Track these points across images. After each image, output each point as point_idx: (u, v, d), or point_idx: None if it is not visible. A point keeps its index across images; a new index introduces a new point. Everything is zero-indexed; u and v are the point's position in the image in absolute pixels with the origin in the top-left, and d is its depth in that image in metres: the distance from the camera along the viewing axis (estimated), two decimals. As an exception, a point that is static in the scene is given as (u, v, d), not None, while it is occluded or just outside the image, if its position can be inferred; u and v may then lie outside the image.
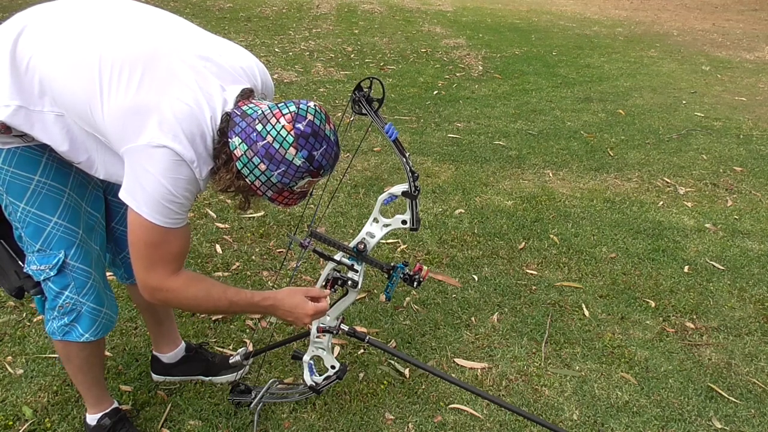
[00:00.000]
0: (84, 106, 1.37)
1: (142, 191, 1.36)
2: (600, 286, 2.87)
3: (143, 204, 1.37)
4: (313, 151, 1.38)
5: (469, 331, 2.51)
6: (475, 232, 3.30)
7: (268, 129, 1.36)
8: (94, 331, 1.66)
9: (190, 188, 1.39)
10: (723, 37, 9.87)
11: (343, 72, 6.54)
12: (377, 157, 4.22)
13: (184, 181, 1.37)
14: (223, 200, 3.45)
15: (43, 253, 1.56)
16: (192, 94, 1.36)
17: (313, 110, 1.39)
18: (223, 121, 1.39)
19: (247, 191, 1.47)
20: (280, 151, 1.36)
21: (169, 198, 1.36)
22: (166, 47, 1.40)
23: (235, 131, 1.38)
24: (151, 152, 1.33)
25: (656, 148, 4.72)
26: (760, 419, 2.14)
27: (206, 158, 1.40)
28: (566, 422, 2.08)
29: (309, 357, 1.87)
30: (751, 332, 2.60)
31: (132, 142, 1.34)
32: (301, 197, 1.51)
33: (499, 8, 12.17)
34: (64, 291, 1.60)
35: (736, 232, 3.45)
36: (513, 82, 6.56)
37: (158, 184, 1.34)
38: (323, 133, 1.39)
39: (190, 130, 1.35)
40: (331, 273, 1.75)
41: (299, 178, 1.41)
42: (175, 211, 1.39)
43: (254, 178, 1.40)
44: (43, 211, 1.54)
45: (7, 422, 1.94)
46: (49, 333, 1.68)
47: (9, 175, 1.49)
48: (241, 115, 1.39)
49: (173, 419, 2.00)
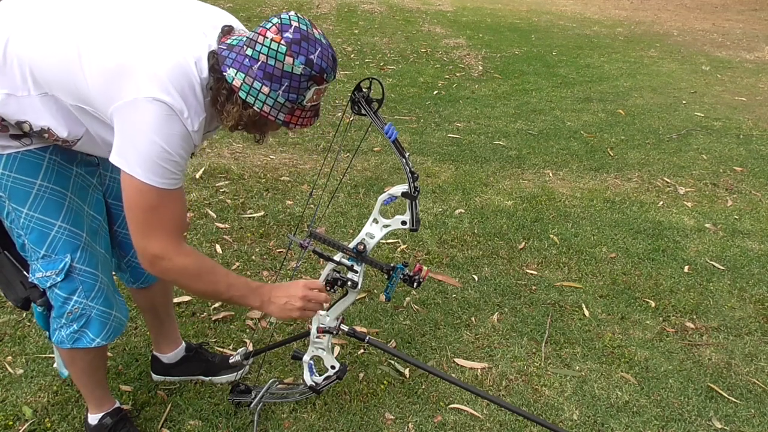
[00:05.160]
0: (65, 76, 1.35)
1: (135, 151, 1.32)
2: (600, 286, 2.87)
3: (136, 165, 1.32)
4: (309, 55, 1.33)
5: (469, 331, 2.51)
6: (475, 232, 3.30)
7: (258, 49, 1.33)
8: (105, 335, 1.65)
9: (184, 145, 1.35)
10: (723, 37, 9.87)
11: (343, 72, 6.54)
12: (377, 157, 4.22)
13: (178, 137, 1.33)
14: (224, 200, 3.45)
15: (48, 259, 1.54)
16: (173, 45, 1.35)
17: (296, 18, 1.35)
18: (211, 59, 1.36)
19: (258, 121, 1.43)
20: (277, 66, 1.32)
21: (163, 156, 1.32)
22: (140, 7, 1.40)
23: (227, 64, 1.34)
24: (141, 106, 1.30)
25: (656, 148, 4.72)
26: (760, 419, 2.14)
27: (197, 108, 1.36)
28: (566, 422, 2.08)
29: (309, 357, 1.87)
30: (751, 332, 2.60)
31: (119, 99, 1.31)
32: (315, 114, 1.46)
33: (499, 8, 12.17)
34: (72, 296, 1.57)
35: (736, 232, 3.45)
36: (513, 82, 6.56)
37: (151, 141, 1.30)
38: (313, 37, 1.35)
39: (177, 80, 1.32)
40: (331, 273, 1.75)
41: (305, 89, 1.37)
42: (170, 171, 1.35)
43: (261, 104, 1.36)
44: (47, 215, 1.51)
45: (7, 422, 1.94)
46: (56, 343, 1.65)
47: (11, 181, 1.47)
48: (228, 47, 1.36)
49: (173, 419, 2.00)
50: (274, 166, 3.99)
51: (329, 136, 4.61)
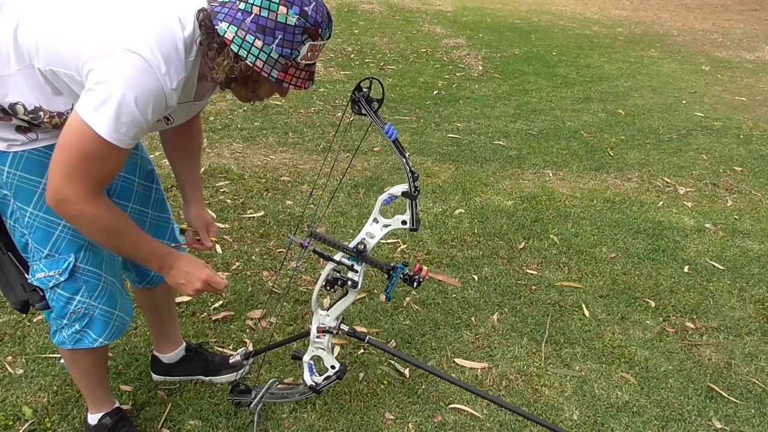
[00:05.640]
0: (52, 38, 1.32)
1: (99, 99, 1.24)
2: (600, 286, 2.87)
3: (94, 112, 1.25)
4: (304, 6, 1.31)
5: (469, 331, 2.51)
6: (475, 232, 3.30)
7: (251, 2, 1.31)
8: (107, 335, 1.64)
9: (154, 106, 1.29)
10: (723, 37, 9.87)
11: (343, 72, 6.54)
12: (377, 157, 4.22)
13: (150, 94, 1.27)
14: (223, 200, 3.45)
15: (51, 259, 1.54)
16: (157, 4, 1.34)
17: None
18: (200, 15, 1.34)
19: (250, 77, 1.39)
20: (270, 18, 1.30)
21: (128, 112, 1.25)
22: None
23: (219, 18, 1.31)
24: (116, 56, 1.25)
25: (656, 148, 4.72)
26: (760, 419, 2.14)
27: (177, 66, 1.32)
28: (566, 422, 2.08)
29: (309, 357, 1.87)
30: (751, 332, 2.60)
31: (96, 49, 1.26)
32: (309, 78, 1.43)
33: (499, 8, 12.17)
34: (76, 296, 1.57)
35: (736, 232, 3.45)
36: (513, 82, 6.56)
37: (121, 94, 1.24)
38: None
39: (158, 35, 1.29)
40: (331, 273, 1.75)
41: (299, 44, 1.34)
42: (130, 130, 1.28)
43: (254, 58, 1.33)
44: (51, 214, 1.50)
45: (7, 422, 1.94)
46: (58, 344, 1.64)
47: (17, 179, 1.47)
48: (220, 4, 1.34)
49: (173, 419, 2.00)
50: (274, 166, 3.99)
51: (329, 136, 4.61)
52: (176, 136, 1.78)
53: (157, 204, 1.81)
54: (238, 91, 1.46)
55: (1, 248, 1.59)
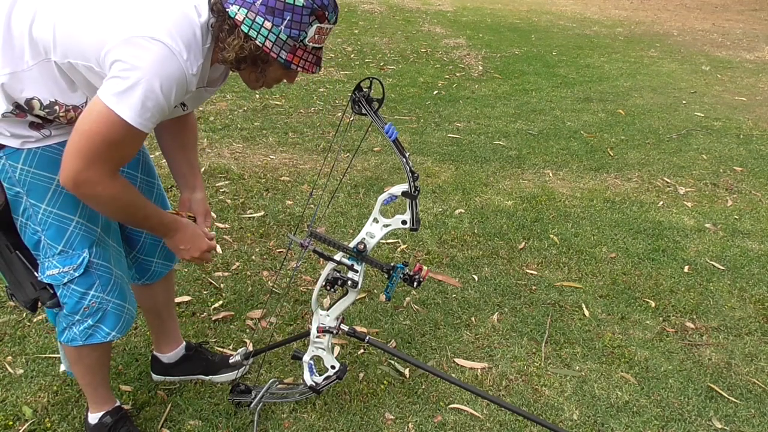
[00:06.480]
0: (69, 30, 1.34)
1: (123, 86, 1.28)
2: (600, 286, 2.87)
3: (117, 98, 1.28)
4: None
5: (469, 331, 2.51)
6: (475, 232, 3.30)
7: None
8: (119, 328, 1.67)
9: (177, 90, 1.33)
10: (723, 37, 9.88)
11: (343, 72, 6.54)
12: (377, 157, 4.22)
13: (174, 80, 1.31)
14: (224, 200, 3.45)
15: (65, 255, 1.55)
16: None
17: None
18: (213, 0, 1.37)
19: (260, 57, 1.43)
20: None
21: (153, 97, 1.29)
22: None
23: (230, 2, 1.37)
24: (140, 44, 1.28)
25: (656, 148, 4.72)
26: (760, 419, 2.14)
27: (197, 52, 1.36)
28: (566, 422, 2.08)
29: (309, 357, 1.87)
30: (751, 332, 2.60)
31: (119, 38, 1.29)
32: (317, 63, 1.48)
33: (499, 8, 12.17)
34: (90, 291, 1.59)
35: (736, 232, 3.46)
36: (513, 82, 6.56)
37: (146, 80, 1.27)
38: None
39: (178, 22, 1.33)
40: (331, 273, 1.75)
41: (307, 25, 1.39)
42: (153, 114, 1.32)
43: (263, 39, 1.38)
44: (65, 210, 1.53)
45: (7, 422, 1.94)
46: (66, 342, 1.65)
47: (30, 176, 1.48)
48: None
49: (173, 419, 2.00)
50: (274, 166, 3.99)
51: (329, 136, 4.61)
52: (175, 126, 1.81)
53: (159, 199, 1.85)
54: (247, 74, 1.50)
55: (9, 247, 1.60)
